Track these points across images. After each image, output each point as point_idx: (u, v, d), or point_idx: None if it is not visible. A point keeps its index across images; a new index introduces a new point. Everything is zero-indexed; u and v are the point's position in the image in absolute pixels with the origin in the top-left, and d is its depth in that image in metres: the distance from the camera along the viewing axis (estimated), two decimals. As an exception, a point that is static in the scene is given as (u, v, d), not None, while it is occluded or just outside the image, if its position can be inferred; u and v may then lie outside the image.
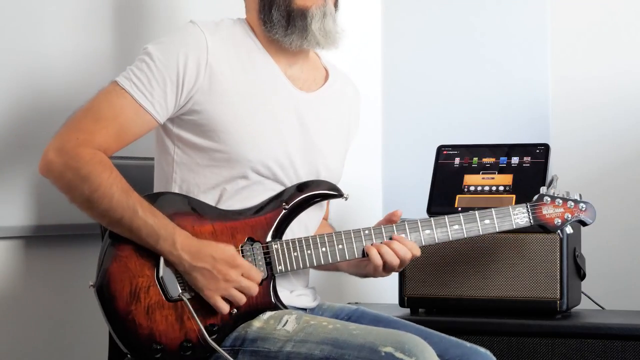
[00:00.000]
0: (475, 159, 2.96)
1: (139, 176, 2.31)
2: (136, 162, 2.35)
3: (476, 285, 2.80)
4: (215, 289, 2.08)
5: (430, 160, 3.02)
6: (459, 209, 2.88)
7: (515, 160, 2.92)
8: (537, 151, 2.91)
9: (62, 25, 2.51)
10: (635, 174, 3.36)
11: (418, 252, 2.25)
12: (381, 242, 2.23)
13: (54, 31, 2.49)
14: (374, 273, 2.27)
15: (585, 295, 2.94)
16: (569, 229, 2.37)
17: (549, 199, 2.36)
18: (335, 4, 2.29)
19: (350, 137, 2.43)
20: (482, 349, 2.24)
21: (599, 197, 3.35)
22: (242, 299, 2.10)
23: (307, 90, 2.30)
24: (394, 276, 2.92)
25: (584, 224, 2.39)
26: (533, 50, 3.51)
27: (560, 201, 2.36)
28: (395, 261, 2.22)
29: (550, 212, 2.35)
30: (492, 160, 2.94)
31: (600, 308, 3.03)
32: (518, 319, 2.75)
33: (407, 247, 2.23)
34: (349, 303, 2.95)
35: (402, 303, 2.88)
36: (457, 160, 2.98)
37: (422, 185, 3.08)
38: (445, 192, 2.91)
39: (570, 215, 2.36)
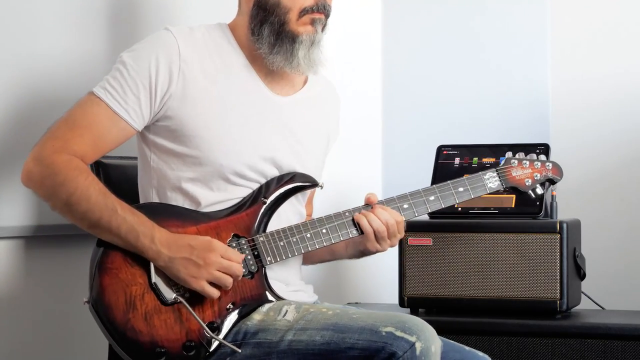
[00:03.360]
0: (475, 159, 2.96)
1: (136, 176, 2.31)
2: (135, 163, 2.35)
3: (476, 285, 2.81)
4: (199, 275, 2.10)
5: (430, 160, 3.02)
6: (459, 209, 2.88)
7: (515, 160, 2.92)
8: (537, 151, 2.91)
9: (58, 26, 2.51)
10: (635, 174, 3.36)
11: (400, 217, 2.28)
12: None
13: (50, 32, 2.49)
14: (368, 245, 2.29)
15: (585, 295, 2.94)
16: (539, 189, 2.41)
17: (515, 161, 2.43)
18: (323, 28, 2.29)
19: (330, 141, 2.45)
20: (481, 353, 2.25)
21: (599, 197, 3.37)
22: (227, 280, 2.11)
23: (285, 94, 2.31)
24: (394, 276, 2.93)
25: (553, 182, 2.46)
26: (533, 51, 3.51)
27: (527, 162, 2.44)
28: (381, 227, 2.25)
29: (519, 173, 2.42)
30: (492, 160, 2.95)
31: (600, 308, 3.03)
32: (518, 319, 2.75)
33: (388, 212, 2.27)
34: (348, 303, 2.96)
35: (402, 303, 2.88)
36: (457, 160, 2.98)
37: (422, 185, 3.06)
38: (445, 192, 2.90)
39: (539, 175, 2.43)
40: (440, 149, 3.02)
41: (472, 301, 2.81)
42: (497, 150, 2.96)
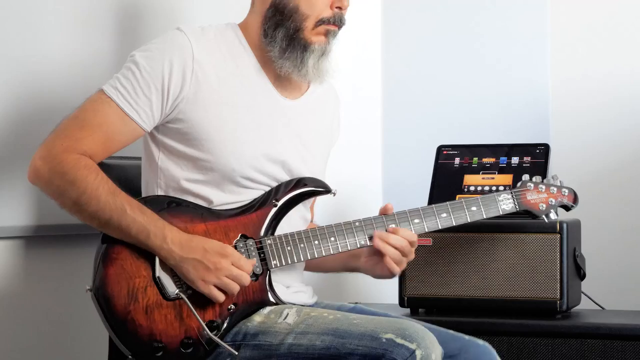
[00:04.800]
0: (475, 159, 2.96)
1: (138, 176, 2.31)
2: (135, 163, 2.35)
3: (476, 285, 2.81)
4: (208, 279, 2.09)
5: (430, 160, 3.02)
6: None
7: (515, 160, 2.92)
8: (537, 151, 2.91)
9: (61, 27, 2.51)
10: (635, 174, 3.36)
11: (415, 238, 2.28)
12: (378, 237, 2.26)
13: (54, 33, 2.49)
14: (383, 272, 2.29)
15: (585, 295, 2.94)
16: (553, 215, 2.40)
17: (532, 185, 2.42)
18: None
19: (332, 142, 2.46)
20: (481, 341, 2.25)
21: (599, 197, 3.37)
22: (235, 287, 2.11)
23: (292, 97, 2.31)
24: (394, 276, 2.92)
25: (567, 208, 2.45)
26: (533, 51, 3.51)
27: (543, 187, 2.42)
28: (397, 255, 2.25)
29: (534, 197, 2.41)
30: (492, 160, 2.95)
31: (600, 308, 3.03)
32: (518, 319, 2.75)
33: (401, 235, 2.26)
34: (348, 303, 2.96)
35: (402, 303, 2.88)
36: (457, 160, 2.98)
37: (422, 185, 3.08)
38: (445, 192, 2.91)
39: (554, 200, 2.42)
40: (440, 149, 3.01)
41: (472, 301, 2.81)
42: (497, 150, 2.95)
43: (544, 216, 2.41)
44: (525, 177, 2.43)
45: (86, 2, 2.58)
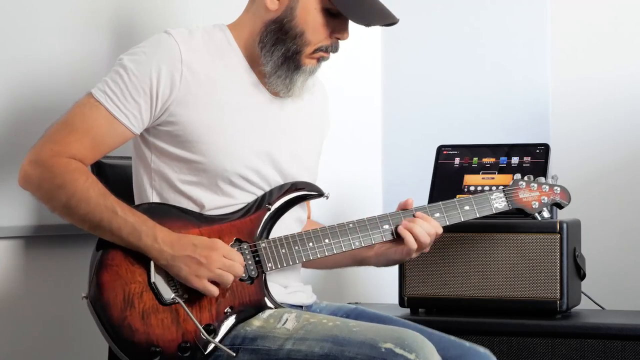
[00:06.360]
0: (475, 159, 2.96)
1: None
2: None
3: (476, 285, 2.80)
4: (201, 274, 2.09)
5: (430, 160, 3.02)
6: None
7: (515, 160, 2.92)
8: (537, 151, 2.91)
9: (59, 28, 2.51)
10: (635, 174, 3.36)
11: (441, 230, 2.32)
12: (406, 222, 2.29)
13: (51, 34, 2.49)
14: (405, 256, 2.31)
15: (585, 295, 2.94)
16: (546, 213, 2.41)
17: (524, 183, 2.43)
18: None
19: (323, 136, 2.46)
20: (482, 349, 2.24)
21: (599, 197, 3.37)
22: (229, 278, 2.11)
23: (282, 95, 2.30)
24: (394, 276, 2.93)
25: (560, 206, 2.46)
26: (533, 51, 3.51)
27: (535, 185, 2.43)
28: (426, 239, 2.29)
29: (526, 195, 2.42)
30: (492, 160, 2.95)
31: (600, 308, 3.03)
32: (518, 319, 2.75)
33: (432, 225, 2.30)
34: (348, 303, 2.96)
35: (402, 303, 2.88)
36: (457, 160, 2.98)
37: (422, 185, 3.08)
38: (445, 192, 2.90)
39: (546, 198, 2.43)
40: (440, 149, 3.01)
41: (472, 301, 2.81)
42: (497, 150, 2.95)
43: (536, 214, 2.42)
44: (517, 176, 2.44)
45: (84, 3, 2.58)
